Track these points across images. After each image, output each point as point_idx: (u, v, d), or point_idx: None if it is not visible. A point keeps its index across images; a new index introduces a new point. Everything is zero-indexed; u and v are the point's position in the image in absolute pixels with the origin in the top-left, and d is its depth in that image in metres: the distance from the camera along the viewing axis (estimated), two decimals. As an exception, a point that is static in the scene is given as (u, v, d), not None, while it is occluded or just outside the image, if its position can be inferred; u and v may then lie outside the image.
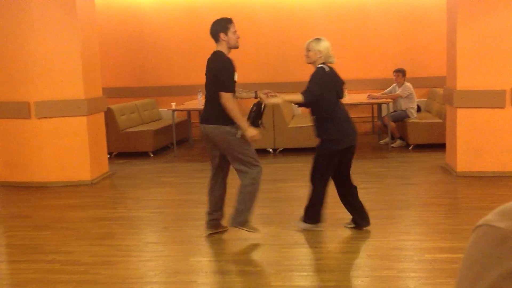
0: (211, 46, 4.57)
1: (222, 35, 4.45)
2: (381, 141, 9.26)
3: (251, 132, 4.39)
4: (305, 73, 10.32)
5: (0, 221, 5.83)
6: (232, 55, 4.57)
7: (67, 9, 6.78)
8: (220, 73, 4.42)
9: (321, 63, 4.68)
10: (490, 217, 0.72)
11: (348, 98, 9.11)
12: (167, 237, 4.93)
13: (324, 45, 4.68)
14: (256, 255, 4.38)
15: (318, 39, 4.69)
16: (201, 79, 4.82)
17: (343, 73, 4.50)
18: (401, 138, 8.96)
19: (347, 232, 4.79)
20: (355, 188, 4.77)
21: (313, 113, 4.71)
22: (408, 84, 8.91)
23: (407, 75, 9.01)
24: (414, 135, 8.59)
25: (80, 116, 6.91)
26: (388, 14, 10.18)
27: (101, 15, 9.44)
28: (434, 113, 9.16)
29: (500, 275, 0.63)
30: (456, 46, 6.58)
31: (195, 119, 10.34)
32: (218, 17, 4.61)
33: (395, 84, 9.04)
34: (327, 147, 4.60)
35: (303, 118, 9.44)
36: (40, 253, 4.55)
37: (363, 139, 9.82)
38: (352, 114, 10.12)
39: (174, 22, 10.44)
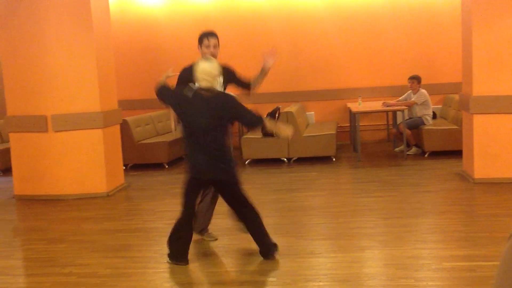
0: (223, 57, 4.60)
1: (198, 48, 4.81)
2: (396, 149, 9.20)
3: None
4: (317, 82, 10.26)
5: (17, 234, 5.89)
6: (246, 65, 4.60)
7: (83, 23, 6.85)
8: None
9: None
10: None
11: (363, 105, 9.12)
12: (182, 248, 4.92)
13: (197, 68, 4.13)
14: (271, 265, 4.36)
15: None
16: (215, 90, 4.85)
17: (358, 81, 4.39)
18: (416, 145, 8.89)
19: (362, 241, 4.75)
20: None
21: None
22: (423, 90, 8.86)
23: (422, 82, 8.96)
24: (430, 142, 8.53)
25: (96, 128, 6.96)
26: (401, 20, 10.15)
27: (115, 28, 9.53)
28: (450, 119, 9.09)
29: None
30: (472, 52, 6.53)
31: (210, 129, 10.37)
32: (231, 28, 4.70)
33: (410, 91, 8.99)
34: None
35: (317, 127, 9.42)
36: (57, 266, 4.57)
37: (378, 147, 9.77)
38: (367, 122, 10.23)
39: (187, 33, 10.49)
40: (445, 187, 6.71)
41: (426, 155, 8.56)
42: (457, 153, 7.75)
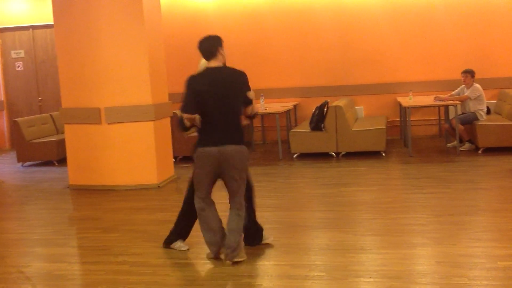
0: (273, 52, 4.59)
1: (220, 49, 4.53)
2: (449, 144, 9.01)
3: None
4: (367, 76, 10.16)
5: (72, 223, 6.08)
6: (295, 59, 4.57)
7: (135, 18, 6.99)
8: (248, 88, 4.41)
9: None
10: None
11: (414, 100, 8.95)
12: (232, 241, 4.96)
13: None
14: (321, 260, 4.35)
15: None
16: (262, 83, 4.84)
17: (409, 75, 4.31)
18: (469, 141, 8.68)
19: (414, 238, 4.68)
20: None
21: None
22: (477, 85, 8.63)
23: (476, 76, 8.73)
24: (484, 138, 8.30)
25: (147, 121, 7.10)
26: (455, 12, 9.90)
27: (166, 22, 9.66)
28: (504, 115, 8.83)
29: None
30: (529, 45, 6.31)
31: (257, 123, 10.41)
32: (280, 23, 4.61)
33: (464, 85, 8.78)
34: None
35: (366, 122, 9.31)
36: (110, 254, 4.69)
37: (429, 142, 9.58)
38: (418, 117, 10.04)
39: (236, 27, 10.54)
40: (500, 184, 6.53)
41: (479, 151, 8.34)
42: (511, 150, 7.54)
